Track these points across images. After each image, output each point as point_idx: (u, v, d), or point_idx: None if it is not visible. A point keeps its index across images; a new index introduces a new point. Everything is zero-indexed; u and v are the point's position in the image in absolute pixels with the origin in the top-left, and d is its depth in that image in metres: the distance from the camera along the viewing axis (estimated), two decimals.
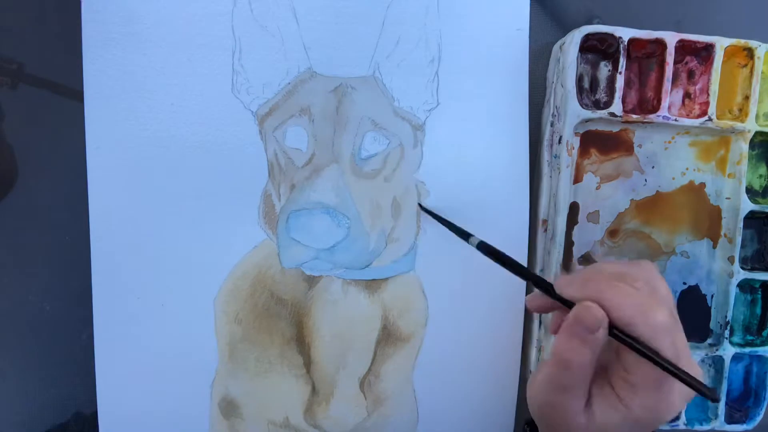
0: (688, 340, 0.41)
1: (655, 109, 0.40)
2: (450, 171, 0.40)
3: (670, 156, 0.41)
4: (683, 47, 0.39)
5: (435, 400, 0.42)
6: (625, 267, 0.30)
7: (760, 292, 0.42)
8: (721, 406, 0.42)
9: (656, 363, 0.26)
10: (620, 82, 0.39)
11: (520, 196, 0.41)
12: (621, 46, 0.39)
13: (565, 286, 0.30)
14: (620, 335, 0.27)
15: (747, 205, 0.41)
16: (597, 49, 0.40)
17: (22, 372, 0.41)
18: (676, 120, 0.40)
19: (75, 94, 0.39)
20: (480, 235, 0.36)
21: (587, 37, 0.39)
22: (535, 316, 0.41)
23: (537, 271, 0.41)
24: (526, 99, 0.41)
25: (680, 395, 0.27)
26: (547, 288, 0.30)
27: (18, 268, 0.40)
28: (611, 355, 0.29)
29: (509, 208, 0.41)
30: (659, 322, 0.27)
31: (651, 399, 0.27)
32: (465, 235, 0.35)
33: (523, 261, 0.41)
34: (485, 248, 0.34)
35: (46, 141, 0.40)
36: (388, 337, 0.41)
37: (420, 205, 0.40)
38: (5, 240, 0.40)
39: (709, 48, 0.40)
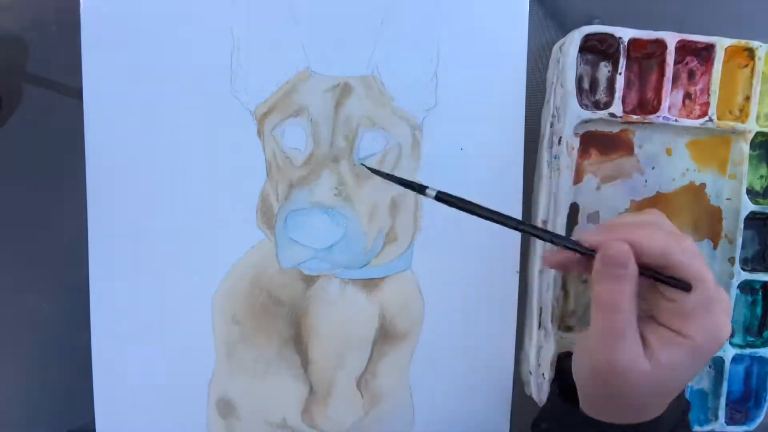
0: None
1: (655, 109, 0.40)
2: (447, 171, 0.40)
3: (670, 157, 0.41)
4: (683, 47, 0.39)
5: (431, 397, 0.42)
6: (640, 216, 0.32)
7: (760, 294, 0.42)
8: (722, 407, 0.41)
9: (678, 286, 0.28)
10: (620, 82, 0.39)
11: (515, 196, 0.41)
12: (621, 46, 0.39)
13: (590, 235, 0.30)
14: (649, 272, 0.29)
15: (747, 206, 0.41)
16: (597, 49, 0.40)
17: (20, 371, 0.41)
18: (676, 121, 0.40)
19: (75, 94, 0.39)
20: (475, 234, 0.36)
21: (587, 38, 0.39)
22: (535, 316, 0.41)
23: (536, 272, 0.41)
24: (523, 99, 0.41)
25: (723, 312, 0.29)
26: (563, 240, 0.31)
27: (16, 268, 0.40)
28: (654, 298, 0.30)
29: (504, 208, 0.41)
30: (690, 245, 0.29)
31: (707, 321, 0.28)
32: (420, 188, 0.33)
33: (515, 261, 0.42)
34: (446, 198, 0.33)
35: (46, 141, 0.40)
36: (384, 335, 0.41)
37: (363, 164, 0.38)
38: (4, 240, 0.40)
39: (709, 48, 0.39)
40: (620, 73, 0.39)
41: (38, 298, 0.40)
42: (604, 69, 0.41)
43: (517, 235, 0.41)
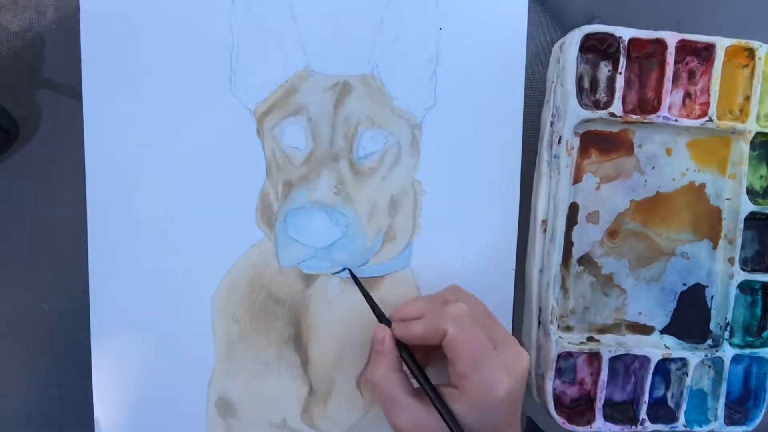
0: (689, 341, 0.42)
1: (655, 109, 0.40)
2: (446, 170, 0.41)
3: (670, 156, 0.41)
4: (684, 47, 0.39)
5: None
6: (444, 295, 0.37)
7: (760, 294, 0.42)
8: (721, 407, 0.41)
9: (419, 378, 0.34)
10: (620, 82, 0.39)
11: (512, 196, 0.41)
12: (621, 45, 0.39)
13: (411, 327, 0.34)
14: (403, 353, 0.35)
15: (747, 206, 0.41)
16: (597, 49, 0.40)
17: (20, 371, 0.41)
18: (676, 120, 0.40)
19: (75, 94, 0.39)
20: (472, 233, 0.39)
21: (587, 37, 0.39)
22: (534, 316, 0.41)
23: (536, 272, 0.41)
24: (522, 98, 0.41)
25: (496, 367, 0.33)
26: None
27: (16, 269, 0.40)
28: (446, 366, 0.34)
29: (501, 207, 0.41)
30: (457, 313, 0.34)
31: (476, 378, 0.32)
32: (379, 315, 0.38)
33: (511, 259, 0.42)
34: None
35: (46, 141, 0.40)
36: None
37: (350, 270, 0.40)
38: (4, 240, 0.40)
39: (709, 48, 0.39)
40: (620, 73, 0.39)
41: (38, 298, 0.40)
42: (604, 68, 0.41)
43: (513, 235, 0.41)
